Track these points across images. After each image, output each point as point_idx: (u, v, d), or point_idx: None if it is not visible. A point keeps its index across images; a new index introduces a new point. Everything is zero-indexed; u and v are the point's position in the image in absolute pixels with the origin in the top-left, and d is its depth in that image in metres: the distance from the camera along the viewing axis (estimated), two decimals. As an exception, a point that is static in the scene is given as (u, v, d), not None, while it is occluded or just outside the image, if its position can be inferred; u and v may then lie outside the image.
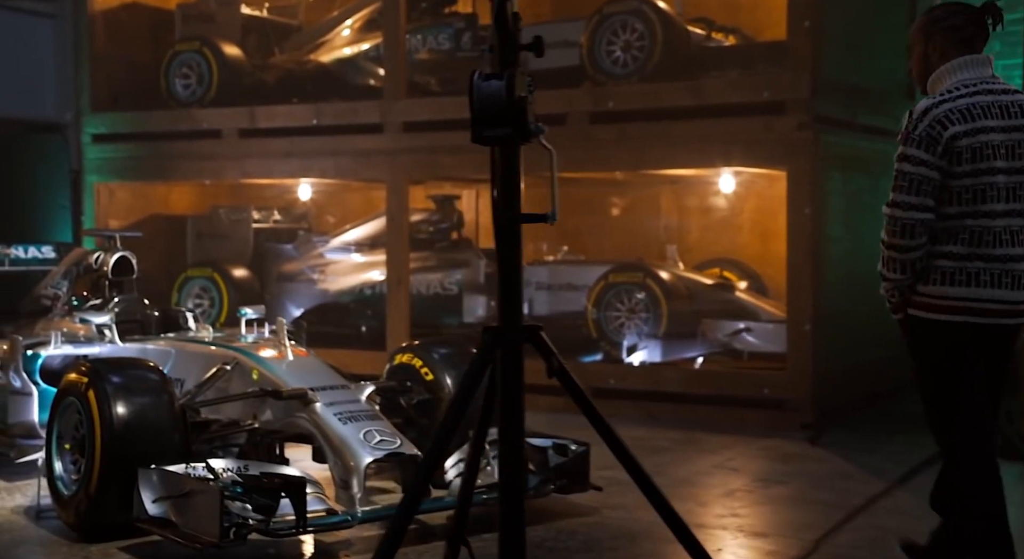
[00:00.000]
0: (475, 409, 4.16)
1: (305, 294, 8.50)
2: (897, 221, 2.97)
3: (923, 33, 3.10)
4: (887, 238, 3.01)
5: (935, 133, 2.94)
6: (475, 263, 7.77)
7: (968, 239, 2.97)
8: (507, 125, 2.17)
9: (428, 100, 7.22)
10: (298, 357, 4.39)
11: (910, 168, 2.96)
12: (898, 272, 3.01)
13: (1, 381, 4.87)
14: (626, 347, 7.04)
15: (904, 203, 2.96)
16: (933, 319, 3.00)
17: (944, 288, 2.99)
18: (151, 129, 8.12)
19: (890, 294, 3.08)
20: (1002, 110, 2.98)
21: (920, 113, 2.97)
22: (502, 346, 2.19)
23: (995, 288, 2.97)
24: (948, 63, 3.05)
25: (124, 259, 5.52)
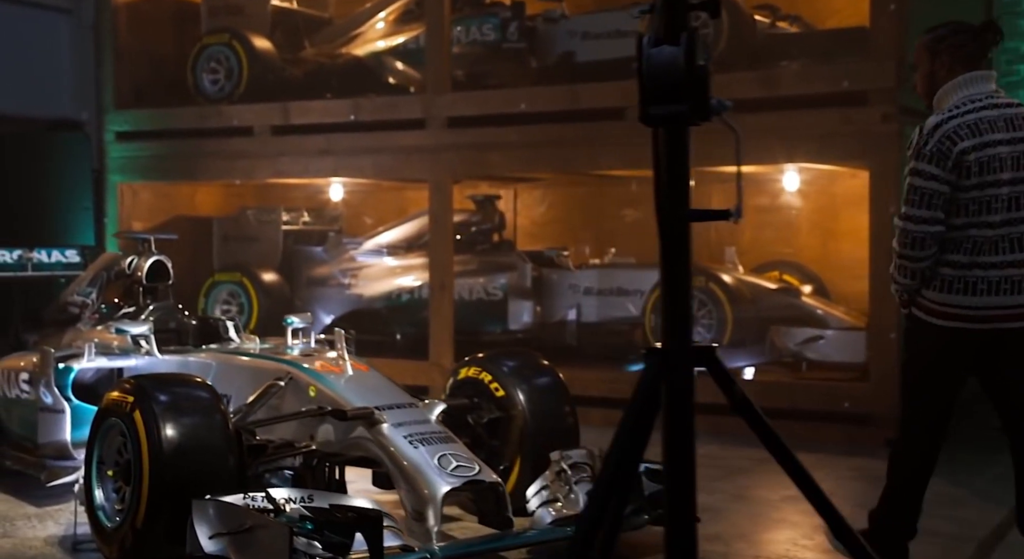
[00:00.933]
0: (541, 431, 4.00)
1: (336, 300, 8.17)
2: (909, 234, 3.18)
3: (929, 51, 3.27)
4: (899, 248, 3.22)
5: (945, 148, 3.12)
6: (521, 267, 7.40)
7: (970, 248, 3.18)
8: (684, 100, 1.78)
9: (474, 94, 6.86)
10: (358, 372, 4.02)
11: (921, 182, 3.15)
12: (907, 278, 3.26)
13: (30, 397, 4.52)
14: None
15: (916, 217, 3.16)
16: (930, 322, 3.25)
17: (944, 295, 3.21)
18: (178, 126, 7.78)
19: (899, 295, 3.34)
20: (1007, 123, 3.17)
21: (931, 129, 3.14)
22: (670, 371, 1.81)
23: (993, 295, 3.17)
24: (955, 79, 3.21)
25: (159, 263, 5.17)
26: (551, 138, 6.45)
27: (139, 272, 5.11)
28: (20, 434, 4.66)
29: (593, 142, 6.31)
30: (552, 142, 6.44)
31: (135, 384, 3.59)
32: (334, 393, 3.87)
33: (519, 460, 4.07)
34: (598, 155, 6.35)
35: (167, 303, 5.12)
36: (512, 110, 6.58)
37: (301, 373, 4.01)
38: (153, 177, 7.99)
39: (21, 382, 4.57)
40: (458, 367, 4.37)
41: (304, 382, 3.98)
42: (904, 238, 3.19)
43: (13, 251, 6.31)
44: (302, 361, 4.10)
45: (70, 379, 4.44)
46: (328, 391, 3.89)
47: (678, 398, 1.79)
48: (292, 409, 3.97)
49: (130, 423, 3.48)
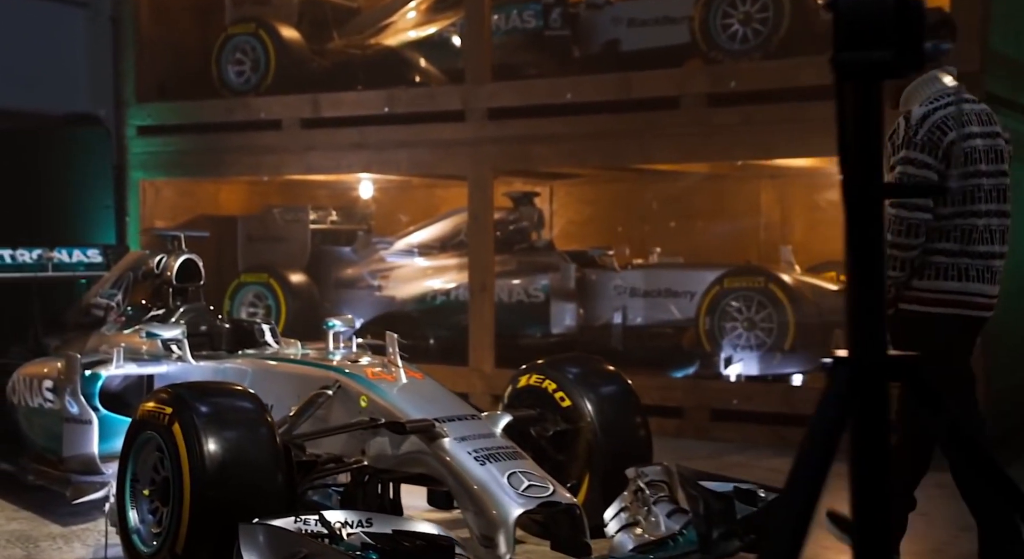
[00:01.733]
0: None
1: (366, 302, 7.88)
2: (903, 221, 3.22)
3: None
4: (891, 237, 3.23)
5: (935, 138, 3.21)
6: (564, 267, 7.09)
7: (959, 237, 3.26)
8: (892, 45, 1.44)
9: (516, 83, 6.55)
10: (412, 379, 3.71)
11: (915, 171, 3.22)
12: (898, 270, 3.26)
13: (54, 406, 4.23)
14: (723, 358, 6.36)
15: (910, 204, 3.21)
16: (926, 312, 3.25)
17: (938, 283, 3.26)
18: (202, 120, 7.50)
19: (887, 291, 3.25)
20: (978, 118, 3.33)
21: (919, 119, 3.22)
22: (862, 384, 1.48)
23: (980, 283, 3.28)
24: (924, 75, 3.30)
25: (190, 263, 4.86)
26: (600, 129, 6.13)
27: (169, 272, 4.81)
28: (43, 446, 4.37)
29: (645, 133, 6.00)
30: (601, 134, 6.12)
31: (173, 394, 3.29)
32: (388, 403, 3.56)
33: (588, 477, 3.76)
34: (650, 147, 6.03)
35: (198, 305, 4.81)
36: (557, 100, 6.27)
37: (350, 381, 3.70)
38: (176, 173, 7.71)
39: (44, 390, 4.28)
40: (518, 374, 4.04)
41: (354, 391, 3.67)
42: (899, 226, 3.23)
43: (32, 250, 6.00)
44: (351, 368, 3.79)
45: (97, 387, 4.14)
46: (381, 401, 3.58)
47: (871, 417, 1.46)
48: (340, 420, 3.66)
49: (168, 437, 3.18)
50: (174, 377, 4.26)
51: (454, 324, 7.28)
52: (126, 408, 4.34)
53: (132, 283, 5.07)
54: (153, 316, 4.76)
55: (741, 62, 5.90)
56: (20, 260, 5.97)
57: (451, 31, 7.64)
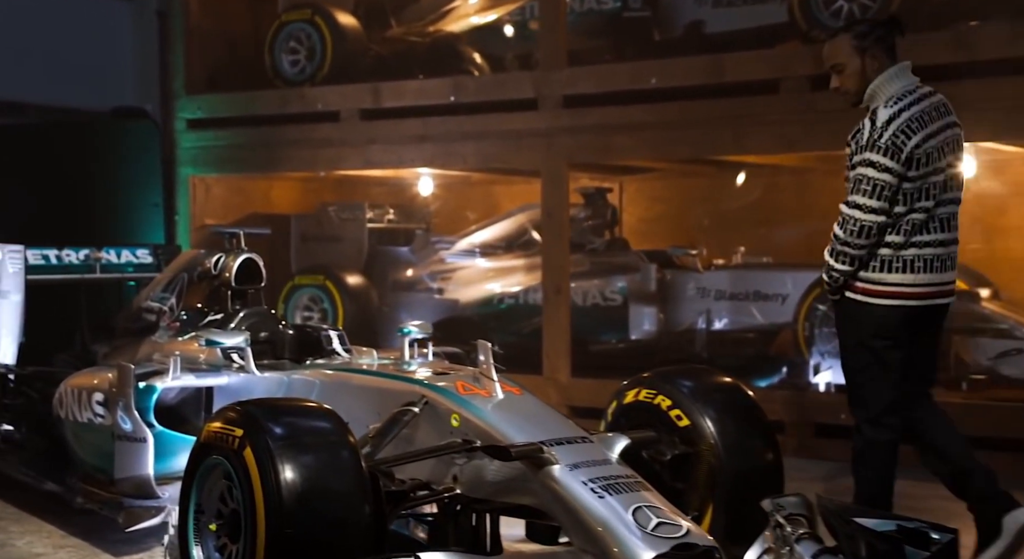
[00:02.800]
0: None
1: (425, 306, 7.50)
2: (856, 222, 3.36)
3: (857, 50, 3.46)
4: (842, 235, 3.38)
5: (899, 143, 3.32)
6: (644, 268, 6.63)
7: (909, 230, 3.37)
8: None
9: (595, 68, 6.11)
10: (509, 395, 3.28)
11: (874, 174, 3.33)
12: (847, 265, 3.42)
13: (105, 421, 3.85)
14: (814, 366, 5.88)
15: (865, 206, 3.35)
16: (867, 302, 3.42)
17: (881, 275, 3.40)
18: (255, 112, 7.15)
19: (834, 281, 3.48)
20: (936, 112, 3.42)
21: (884, 123, 3.33)
22: None
23: (927, 273, 3.39)
24: (887, 72, 3.42)
25: (250, 263, 4.48)
26: (688, 117, 5.67)
27: (227, 273, 4.42)
28: (93, 465, 4.00)
29: (740, 121, 5.52)
30: (690, 122, 5.66)
31: (243, 412, 2.88)
32: (483, 422, 3.13)
33: (711, 508, 3.30)
34: (745, 136, 5.55)
35: (259, 309, 4.43)
36: (641, 86, 5.81)
37: (440, 396, 3.28)
38: (228, 169, 7.36)
39: (94, 404, 3.91)
40: (624, 388, 3.59)
41: (444, 408, 3.24)
42: (852, 226, 3.35)
43: (79, 250, 5.67)
44: (439, 381, 3.37)
45: (152, 401, 3.76)
46: (476, 420, 3.15)
47: None
48: (428, 441, 3.23)
49: (238, 463, 2.77)
50: (235, 389, 3.88)
51: (522, 329, 6.87)
52: (182, 424, 3.97)
53: (186, 285, 4.70)
54: (210, 321, 4.39)
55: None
56: (66, 261, 5.65)
57: (517, 16, 7.23)
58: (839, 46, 3.52)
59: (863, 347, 3.45)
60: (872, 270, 3.41)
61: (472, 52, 7.15)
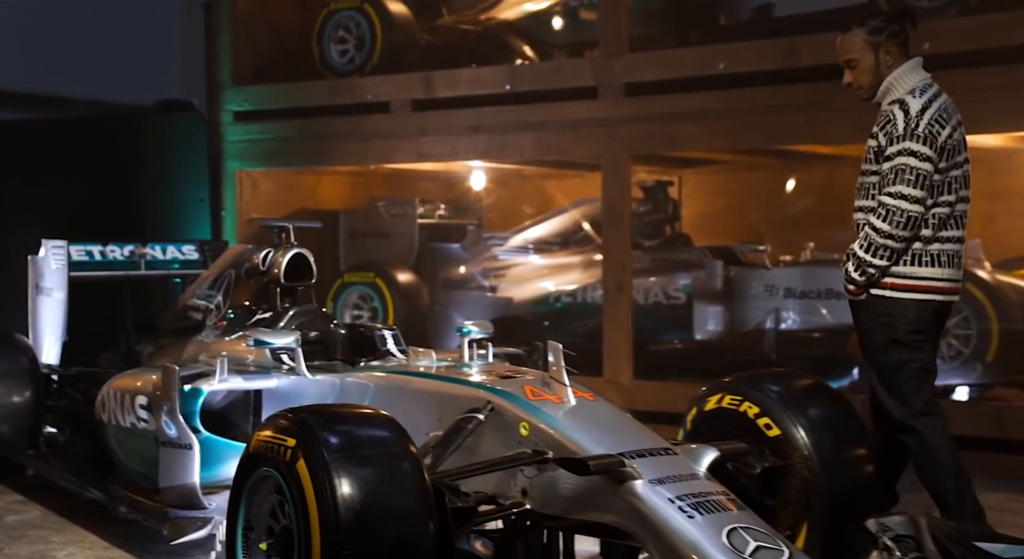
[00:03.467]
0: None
1: (477, 304, 7.27)
2: (903, 213, 3.34)
3: (870, 45, 3.48)
4: (887, 228, 3.35)
5: (935, 132, 3.34)
6: (709, 265, 6.33)
7: (935, 224, 3.40)
8: None
9: (659, 54, 5.82)
10: (582, 401, 3.02)
11: (916, 163, 3.33)
12: (886, 260, 3.39)
13: (149, 426, 3.65)
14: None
15: (910, 196, 3.33)
16: (903, 298, 3.40)
17: (912, 268, 3.40)
18: (303, 103, 6.95)
19: (869, 278, 3.43)
20: (953, 108, 3.46)
21: (918, 112, 3.36)
22: None
23: (948, 268, 3.44)
24: (902, 66, 3.45)
25: (300, 258, 4.27)
26: (760, 104, 5.36)
27: (276, 269, 4.21)
28: (137, 472, 3.81)
29: (817, 107, 5.20)
30: (762, 109, 5.36)
31: (296, 420, 2.64)
32: (555, 431, 2.87)
33: (805, 527, 3.01)
34: (823, 123, 5.23)
35: (310, 307, 4.21)
36: (708, 72, 5.51)
37: (506, 403, 3.02)
38: (276, 163, 7.18)
39: (138, 407, 3.71)
40: (705, 394, 3.31)
41: (511, 415, 2.99)
42: (898, 217, 3.33)
43: (124, 246, 5.50)
44: (505, 385, 3.11)
45: (198, 404, 3.55)
46: (547, 428, 2.89)
47: None
48: (494, 451, 2.98)
49: (291, 476, 2.54)
50: (285, 393, 3.66)
51: (579, 329, 6.61)
52: (230, 429, 3.76)
53: (233, 282, 4.50)
54: (258, 320, 4.18)
55: (936, 20, 5.05)
56: (111, 257, 5.47)
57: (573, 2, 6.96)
58: (852, 41, 3.54)
59: (898, 344, 3.42)
60: (904, 264, 3.40)
61: (526, 40, 6.89)
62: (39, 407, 4.76)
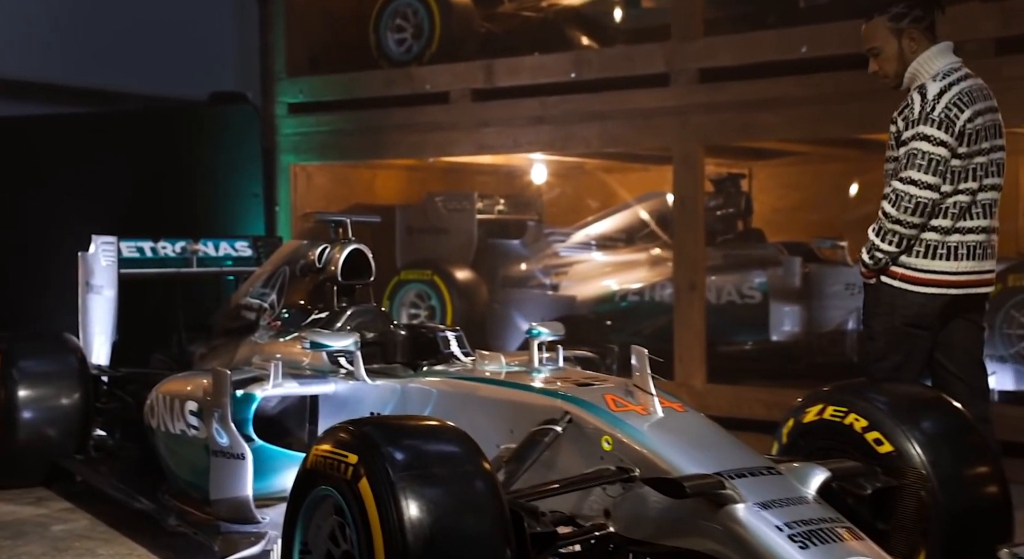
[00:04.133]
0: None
1: (538, 303, 7.05)
2: (912, 199, 3.30)
3: (892, 32, 3.43)
4: (895, 213, 3.32)
5: (952, 116, 3.28)
6: (787, 262, 6.01)
7: (956, 213, 3.34)
8: None
9: (735, 38, 5.49)
10: (671, 412, 2.74)
11: (929, 148, 3.28)
12: (894, 246, 3.35)
13: (199, 434, 3.44)
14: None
15: (921, 182, 3.29)
16: (908, 290, 3.38)
17: (928, 262, 3.36)
18: (359, 94, 6.75)
19: (876, 262, 3.40)
20: (980, 91, 3.41)
21: (936, 95, 3.30)
22: None
23: (970, 260, 3.38)
24: (927, 51, 3.39)
25: (358, 254, 4.04)
26: (846, 90, 5.01)
27: (333, 266, 3.99)
28: (187, 481, 3.61)
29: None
30: (848, 95, 5.00)
31: (357, 433, 2.40)
32: (643, 447, 2.60)
33: (923, 555, 2.70)
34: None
35: (368, 306, 3.98)
36: (789, 56, 5.18)
37: (586, 413, 2.76)
38: (331, 156, 6.98)
39: (188, 414, 3.51)
40: (803, 404, 3.00)
41: (592, 427, 2.72)
42: (907, 203, 3.28)
43: (175, 242, 5.32)
44: (584, 394, 2.84)
45: (251, 411, 3.33)
46: (632, 443, 2.62)
47: None
48: (573, 467, 2.72)
49: (352, 496, 2.30)
50: (343, 399, 3.44)
51: (645, 330, 6.33)
52: (284, 437, 3.55)
53: (288, 280, 4.29)
54: (314, 320, 3.95)
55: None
56: (162, 254, 5.30)
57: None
58: (875, 29, 3.47)
59: (892, 334, 3.39)
60: (916, 255, 3.36)
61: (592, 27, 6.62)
62: (88, 410, 4.60)
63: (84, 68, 8.01)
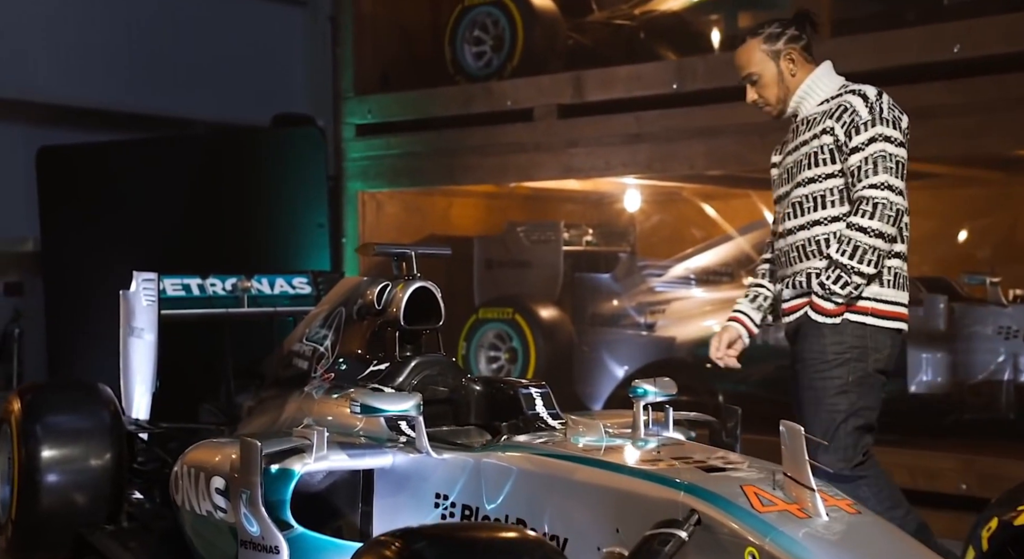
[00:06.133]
0: None
1: (633, 344, 6.48)
2: (893, 206, 2.95)
3: (769, 55, 3.20)
4: (876, 225, 2.94)
5: (898, 114, 3.05)
6: (928, 300, 5.23)
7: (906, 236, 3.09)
8: None
9: (870, 37, 4.78)
10: (839, 514, 2.03)
11: (893, 149, 2.98)
12: (873, 266, 2.97)
13: (226, 517, 2.84)
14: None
15: (896, 187, 2.97)
16: (882, 327, 3.01)
17: (895, 292, 3.03)
18: (433, 113, 6.22)
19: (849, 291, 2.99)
20: None
21: (876, 96, 3.06)
22: None
23: (904, 290, 3.10)
24: (815, 72, 3.20)
25: (425, 294, 3.42)
26: (1009, 96, 4.26)
27: (395, 308, 3.38)
28: (215, 571, 3.01)
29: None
30: (1012, 102, 4.25)
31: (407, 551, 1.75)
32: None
33: None
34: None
35: (437, 357, 3.36)
36: (938, 57, 4.45)
37: (720, 513, 2.08)
38: (402, 182, 6.46)
39: (214, 491, 2.92)
40: (1009, 500, 2.27)
41: (729, 534, 2.04)
42: (888, 211, 2.94)
43: (226, 279, 4.80)
44: (714, 484, 2.16)
45: (289, 491, 2.72)
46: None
47: None
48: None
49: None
50: (402, 474, 2.83)
51: (754, 375, 5.62)
52: (332, 519, 2.94)
53: (344, 322, 3.70)
54: (372, 372, 3.35)
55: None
56: (210, 292, 4.78)
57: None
58: (749, 53, 3.22)
59: (861, 385, 3.01)
60: (888, 285, 3.03)
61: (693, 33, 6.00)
62: (120, 472, 4.05)
63: (151, 94, 7.78)
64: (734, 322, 3.48)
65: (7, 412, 4.03)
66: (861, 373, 3.01)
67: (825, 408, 3.04)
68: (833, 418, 3.03)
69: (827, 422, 3.04)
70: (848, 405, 3.02)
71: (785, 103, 3.25)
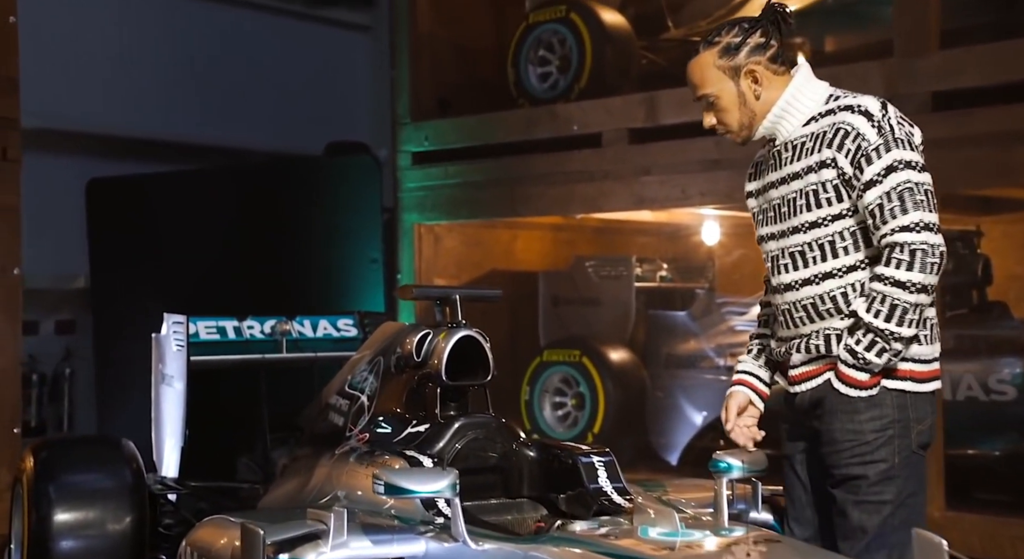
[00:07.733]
0: None
1: (711, 389, 6.06)
2: (934, 250, 2.40)
3: (727, 72, 2.60)
4: (919, 278, 2.38)
5: (909, 129, 2.51)
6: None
7: None
8: None
9: (986, 50, 4.27)
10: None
11: (919, 177, 2.45)
12: (915, 326, 2.44)
13: (230, 615, 2.44)
14: None
15: (933, 225, 2.42)
16: (922, 392, 2.51)
17: (932, 348, 2.53)
18: (494, 139, 5.86)
19: (888, 359, 2.43)
20: None
21: (880, 110, 2.48)
22: None
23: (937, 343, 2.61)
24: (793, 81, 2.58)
25: (471, 344, 3.01)
26: None
27: (436, 360, 2.98)
28: None
29: None
30: None
31: None
32: None
33: None
34: None
35: (485, 418, 2.96)
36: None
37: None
38: (461, 214, 6.09)
39: (215, 583, 2.52)
40: None
41: None
42: (931, 259, 2.38)
43: (264, 321, 4.46)
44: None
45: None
46: None
47: None
48: None
49: None
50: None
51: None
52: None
53: (382, 374, 3.31)
54: (409, 435, 2.95)
55: None
56: (247, 335, 4.43)
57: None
58: (701, 71, 2.62)
59: (907, 466, 2.50)
60: (923, 341, 2.50)
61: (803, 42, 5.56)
62: (142, 537, 3.71)
63: (210, 125, 7.64)
64: (740, 386, 2.87)
65: (20, 470, 3.73)
66: (907, 453, 2.50)
67: (868, 500, 2.49)
68: (879, 511, 2.49)
69: (871, 518, 2.50)
70: (895, 494, 2.49)
71: (751, 129, 2.65)
